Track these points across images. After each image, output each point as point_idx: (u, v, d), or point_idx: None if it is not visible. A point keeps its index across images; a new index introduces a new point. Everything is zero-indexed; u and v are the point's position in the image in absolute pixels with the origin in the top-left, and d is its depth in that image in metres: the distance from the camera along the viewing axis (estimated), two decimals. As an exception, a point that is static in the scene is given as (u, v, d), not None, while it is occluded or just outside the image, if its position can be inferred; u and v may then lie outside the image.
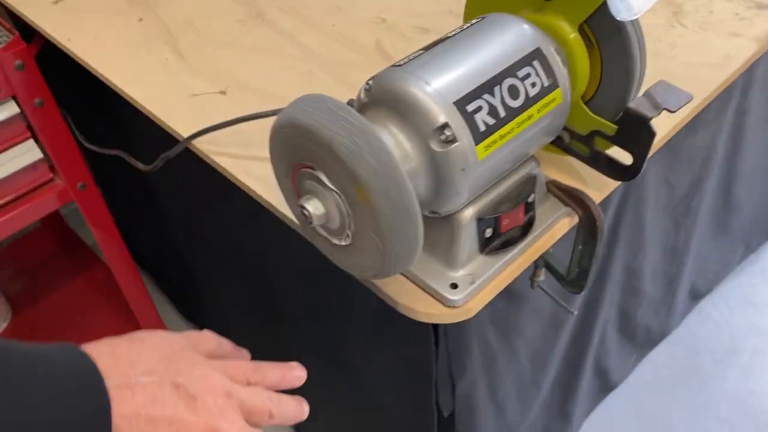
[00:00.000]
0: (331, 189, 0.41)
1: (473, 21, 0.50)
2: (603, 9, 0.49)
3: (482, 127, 0.44)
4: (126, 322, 1.24)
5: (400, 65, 0.46)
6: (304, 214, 0.43)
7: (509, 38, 0.48)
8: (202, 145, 0.66)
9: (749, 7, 0.76)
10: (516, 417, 0.93)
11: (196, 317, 1.36)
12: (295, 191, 0.46)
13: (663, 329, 1.33)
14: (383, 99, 0.45)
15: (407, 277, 0.53)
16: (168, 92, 0.73)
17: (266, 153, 0.47)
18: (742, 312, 1.47)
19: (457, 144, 0.43)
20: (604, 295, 0.95)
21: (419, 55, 0.47)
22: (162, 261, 1.33)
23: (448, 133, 0.43)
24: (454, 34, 0.49)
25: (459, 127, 0.43)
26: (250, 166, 0.63)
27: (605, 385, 1.25)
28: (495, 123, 0.45)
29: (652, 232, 0.96)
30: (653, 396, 1.35)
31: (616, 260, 0.91)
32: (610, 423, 1.31)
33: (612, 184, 0.59)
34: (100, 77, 0.77)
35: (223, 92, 0.72)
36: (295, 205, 0.46)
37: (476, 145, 0.44)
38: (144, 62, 0.78)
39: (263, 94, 0.72)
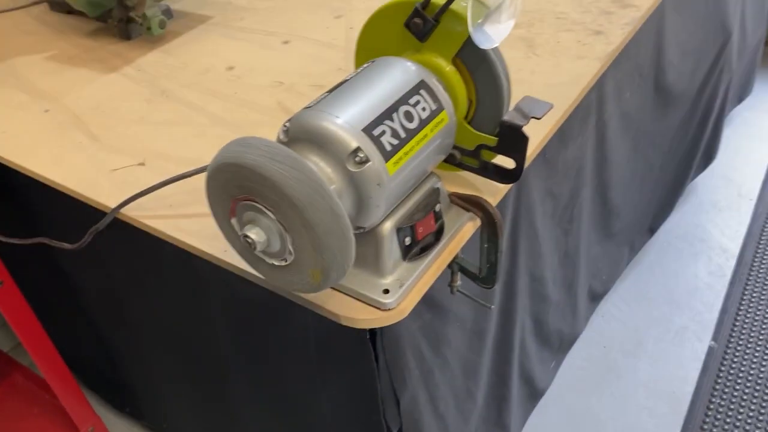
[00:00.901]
0: (270, 214, 0.48)
1: (365, 65, 0.59)
2: (469, 43, 0.59)
3: (388, 147, 0.52)
4: (61, 423, 1.20)
5: (311, 107, 0.54)
6: (248, 242, 0.49)
7: (398, 74, 0.57)
8: (131, 212, 0.70)
9: (588, 34, 0.90)
10: (457, 430, 0.99)
11: (132, 406, 1.34)
12: (237, 225, 0.52)
13: (573, 332, 1.45)
14: (301, 136, 0.52)
15: (343, 292, 0.59)
16: (87, 171, 0.77)
17: (193, 210, 0.53)
18: (639, 306, 1.62)
19: (370, 163, 0.51)
20: (516, 303, 1.04)
21: (325, 96, 0.55)
22: (88, 353, 1.31)
23: (361, 155, 0.51)
24: (351, 78, 0.57)
25: (369, 149, 0.51)
26: (181, 223, 0.68)
27: (533, 393, 1.34)
28: (398, 143, 0.53)
29: (546, 240, 1.07)
30: (578, 397, 1.45)
31: (520, 268, 1.01)
32: (546, 430, 1.40)
33: (503, 189, 0.69)
34: (15, 167, 0.80)
35: (141, 164, 0.77)
36: (237, 237, 0.52)
37: (386, 162, 0.52)
38: (59, 147, 0.82)
39: (181, 160, 0.77)
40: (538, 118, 0.61)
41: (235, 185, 0.49)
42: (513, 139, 0.61)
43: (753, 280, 1.63)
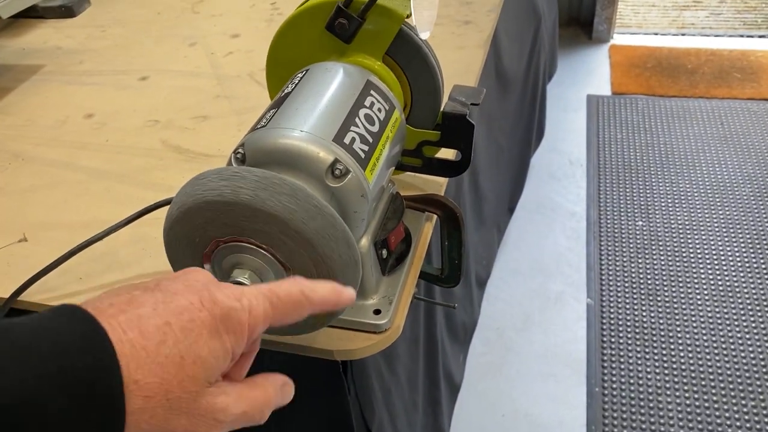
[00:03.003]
0: (265, 254, 0.41)
1: (299, 75, 0.54)
2: (399, 38, 0.56)
3: (362, 155, 0.48)
4: None
5: (263, 126, 0.48)
6: (241, 290, 0.42)
7: (343, 78, 0.52)
8: (34, 297, 0.58)
9: (458, 25, 0.92)
10: (411, 444, 0.95)
11: None
12: (216, 272, 0.44)
13: (472, 321, 1.47)
14: (264, 159, 0.46)
15: (331, 325, 0.53)
16: (-48, 262, 0.63)
17: (109, 278, 0.45)
18: (516, 282, 1.70)
19: (351, 174, 0.46)
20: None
21: (272, 114, 0.49)
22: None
23: (340, 167, 0.46)
24: (292, 90, 0.52)
25: (346, 159, 0.46)
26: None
27: (454, 390, 1.34)
28: (369, 148, 0.49)
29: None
30: (488, 382, 1.48)
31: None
32: (470, 422, 1.41)
33: (443, 182, 0.67)
34: None
35: (23, 240, 0.64)
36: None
37: (364, 170, 0.47)
38: None
39: (71, 226, 0.66)
40: (478, 105, 0.60)
41: (216, 227, 0.41)
42: (458, 130, 0.59)
43: (604, 235, 1.78)
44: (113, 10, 1.11)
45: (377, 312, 0.53)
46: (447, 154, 0.63)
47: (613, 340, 1.52)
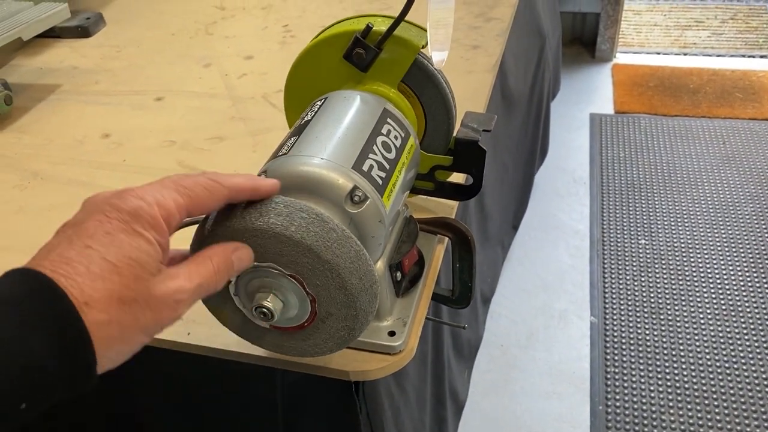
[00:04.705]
0: (286, 275, 0.43)
1: (318, 103, 0.56)
2: (413, 66, 0.58)
3: (380, 181, 0.50)
4: None
5: (285, 153, 0.49)
6: (264, 313, 0.44)
7: (360, 106, 0.54)
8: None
9: (467, 50, 0.94)
10: (417, 462, 0.96)
11: None
12: (242, 298, 0.46)
13: (477, 338, 1.48)
14: (285, 186, 0.47)
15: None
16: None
17: None
18: (520, 300, 1.71)
19: (369, 201, 0.48)
20: (442, 319, 1.04)
21: (293, 141, 0.51)
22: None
23: (359, 194, 0.47)
24: (312, 118, 0.53)
25: (365, 186, 0.48)
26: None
27: (459, 407, 1.35)
28: (386, 175, 0.51)
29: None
30: (492, 400, 1.48)
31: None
32: (472, 439, 1.41)
33: (454, 205, 0.69)
34: None
35: (44, 258, 0.66)
36: (245, 312, 0.46)
37: (381, 196, 0.49)
38: None
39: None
40: (489, 131, 0.62)
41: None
42: (470, 155, 0.61)
43: (607, 253, 1.80)
44: (128, 31, 1.13)
45: (392, 334, 0.54)
46: (458, 178, 0.65)
47: (616, 358, 1.53)
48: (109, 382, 0.77)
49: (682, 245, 1.80)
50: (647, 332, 1.58)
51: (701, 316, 1.61)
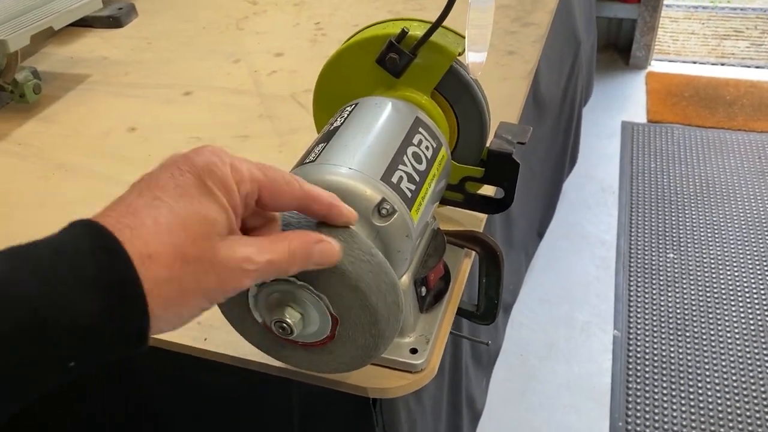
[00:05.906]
0: (315, 293, 0.41)
1: (348, 109, 0.54)
2: (448, 74, 0.56)
3: (408, 194, 0.48)
4: None
5: (312, 161, 0.48)
6: (283, 327, 0.42)
7: (392, 114, 0.52)
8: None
9: (502, 55, 0.91)
10: (432, 474, 0.94)
11: None
12: (262, 311, 0.44)
13: (496, 346, 1.46)
14: (311, 195, 0.46)
15: (366, 361, 0.53)
16: None
17: None
18: (542, 309, 1.68)
19: (397, 214, 0.46)
20: (461, 328, 1.02)
21: (321, 148, 0.49)
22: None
23: (387, 206, 0.45)
24: (341, 124, 0.52)
25: (393, 198, 0.46)
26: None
27: (475, 416, 1.33)
28: (415, 188, 0.49)
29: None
30: (509, 410, 1.46)
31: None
32: (487, 449, 1.39)
33: (483, 218, 0.67)
34: None
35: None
36: (254, 324, 0.45)
37: (410, 210, 0.47)
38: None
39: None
40: (524, 143, 0.60)
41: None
42: (503, 167, 0.59)
43: (633, 266, 1.76)
44: (159, 23, 1.12)
45: (414, 351, 0.52)
46: (488, 190, 0.63)
47: (639, 374, 1.50)
48: (124, 384, 0.76)
49: (712, 261, 1.75)
50: (671, 349, 1.54)
51: (728, 335, 1.56)
